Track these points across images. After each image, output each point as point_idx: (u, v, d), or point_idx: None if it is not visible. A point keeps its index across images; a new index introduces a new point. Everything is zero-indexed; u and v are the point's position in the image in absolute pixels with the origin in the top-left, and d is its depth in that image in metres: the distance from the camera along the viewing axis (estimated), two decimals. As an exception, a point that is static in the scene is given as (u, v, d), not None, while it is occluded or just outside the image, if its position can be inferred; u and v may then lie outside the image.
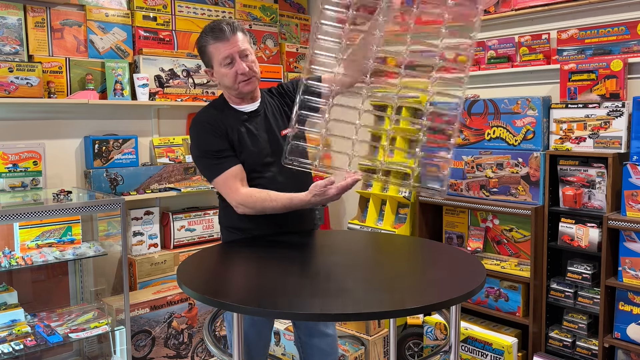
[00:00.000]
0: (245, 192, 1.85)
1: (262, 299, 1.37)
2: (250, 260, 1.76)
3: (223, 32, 1.84)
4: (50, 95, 2.87)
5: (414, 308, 1.32)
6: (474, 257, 1.78)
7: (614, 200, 2.48)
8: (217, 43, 1.85)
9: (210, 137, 1.88)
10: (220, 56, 1.85)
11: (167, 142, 3.37)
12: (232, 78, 1.87)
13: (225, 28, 1.84)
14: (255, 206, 1.84)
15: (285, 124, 1.99)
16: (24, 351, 2.39)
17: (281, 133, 1.97)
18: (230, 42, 1.84)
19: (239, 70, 1.86)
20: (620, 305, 2.44)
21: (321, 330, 2.06)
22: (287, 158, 1.74)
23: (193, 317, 3.10)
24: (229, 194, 1.87)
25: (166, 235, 3.34)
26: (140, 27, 3.26)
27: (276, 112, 2.02)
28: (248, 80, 1.89)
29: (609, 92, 2.53)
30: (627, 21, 2.59)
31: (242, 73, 1.86)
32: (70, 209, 2.50)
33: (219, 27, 1.85)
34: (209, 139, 1.89)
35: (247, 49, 1.88)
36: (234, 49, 1.85)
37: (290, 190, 1.90)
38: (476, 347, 2.74)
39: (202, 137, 1.91)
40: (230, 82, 1.89)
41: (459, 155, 2.96)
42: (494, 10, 3.03)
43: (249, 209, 1.85)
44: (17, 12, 2.81)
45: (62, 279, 2.97)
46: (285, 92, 2.07)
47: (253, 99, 1.98)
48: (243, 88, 1.91)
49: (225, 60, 1.86)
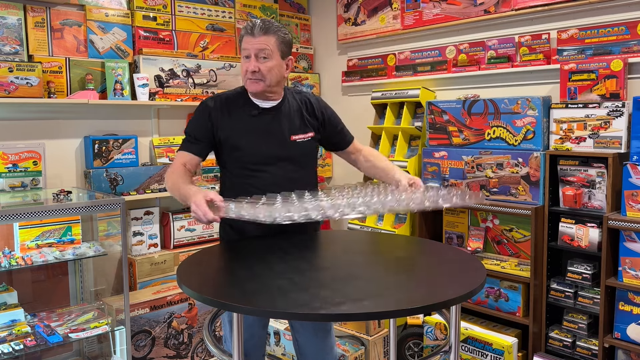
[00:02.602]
0: (172, 167, 1.95)
1: (261, 299, 1.37)
2: (250, 260, 1.76)
3: (253, 27, 1.91)
4: (50, 95, 2.87)
5: (414, 308, 1.32)
6: (474, 257, 1.78)
7: (614, 200, 2.48)
8: (245, 36, 1.93)
9: (199, 120, 1.99)
10: (243, 48, 1.94)
11: (167, 142, 3.37)
12: (243, 72, 1.96)
13: (257, 24, 1.91)
14: (167, 179, 1.95)
15: (300, 129, 2.01)
16: (24, 351, 2.39)
17: (291, 138, 1.98)
18: (253, 39, 1.91)
19: (248, 68, 1.92)
20: (620, 305, 2.44)
21: (318, 330, 2.06)
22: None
23: (193, 317, 3.10)
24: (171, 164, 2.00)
25: (166, 235, 3.34)
26: (140, 27, 3.26)
27: (295, 116, 2.03)
28: (254, 80, 1.93)
29: (609, 92, 2.53)
30: (627, 21, 2.59)
31: (250, 71, 1.92)
32: (70, 209, 2.50)
33: (254, 22, 1.92)
34: (197, 121, 2.00)
35: (267, 51, 1.91)
36: (253, 46, 1.91)
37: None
38: (476, 347, 2.74)
39: (196, 116, 2.01)
40: (242, 75, 1.98)
41: (459, 155, 2.96)
42: (494, 10, 3.03)
43: (165, 180, 1.99)
44: (17, 12, 2.81)
45: (62, 279, 2.97)
46: (315, 116, 2.10)
47: (268, 98, 2.00)
48: (248, 85, 1.96)
49: (243, 53, 1.94)
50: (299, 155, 2.00)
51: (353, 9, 3.82)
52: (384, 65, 3.66)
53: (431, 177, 3.10)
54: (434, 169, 3.09)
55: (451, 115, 3.02)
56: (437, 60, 3.35)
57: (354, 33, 3.83)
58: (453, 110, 3.01)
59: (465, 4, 3.17)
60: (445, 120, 3.05)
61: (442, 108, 3.06)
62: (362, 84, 3.80)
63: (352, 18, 3.83)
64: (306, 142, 2.02)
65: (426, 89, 3.32)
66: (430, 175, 3.10)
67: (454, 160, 2.98)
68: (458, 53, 3.24)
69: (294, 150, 1.99)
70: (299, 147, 2.00)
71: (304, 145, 2.02)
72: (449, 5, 3.24)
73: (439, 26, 3.31)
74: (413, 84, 3.44)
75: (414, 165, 3.22)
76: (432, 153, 3.09)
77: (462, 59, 3.20)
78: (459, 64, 3.20)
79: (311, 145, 2.05)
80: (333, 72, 4.09)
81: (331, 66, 4.11)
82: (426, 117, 3.15)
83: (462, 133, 2.98)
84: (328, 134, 2.12)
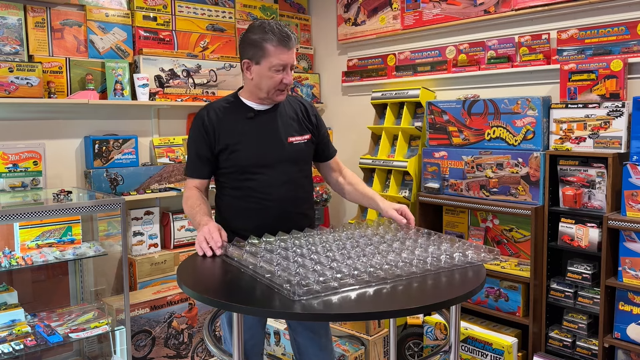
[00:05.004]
0: (186, 193, 2.00)
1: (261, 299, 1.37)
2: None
3: (289, 40, 1.86)
4: (50, 95, 2.87)
5: (414, 308, 1.32)
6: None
7: (614, 200, 2.48)
8: (280, 47, 1.85)
9: (197, 136, 1.96)
10: (277, 61, 1.86)
11: (167, 142, 3.37)
12: (274, 84, 1.90)
13: (292, 37, 1.87)
14: (183, 205, 2.00)
15: (297, 132, 2.02)
16: (24, 351, 2.39)
17: (287, 140, 1.98)
18: (290, 51, 1.88)
19: (285, 80, 1.89)
20: (620, 305, 2.44)
21: (316, 330, 2.06)
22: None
23: (193, 317, 3.10)
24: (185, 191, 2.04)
25: (166, 235, 3.35)
26: (140, 27, 3.26)
27: (291, 119, 2.03)
28: (284, 91, 1.95)
29: (609, 92, 2.53)
30: (627, 21, 2.59)
31: (286, 83, 1.90)
32: (70, 209, 2.50)
33: (286, 33, 1.86)
34: (195, 137, 1.97)
35: (295, 64, 1.95)
36: (291, 60, 1.89)
37: (283, 197, 1.94)
38: (476, 347, 2.74)
39: (193, 134, 1.99)
40: (268, 87, 1.91)
41: (459, 155, 2.96)
42: (494, 10, 3.03)
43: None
44: (17, 12, 2.81)
45: (62, 279, 2.97)
46: (310, 119, 2.10)
47: (264, 102, 2.00)
48: (276, 96, 1.94)
49: (278, 66, 1.87)
50: (296, 157, 2.00)
51: (353, 9, 3.82)
52: (384, 65, 3.66)
53: (431, 177, 3.10)
54: (434, 169, 3.09)
55: (451, 115, 3.02)
56: (437, 60, 3.35)
57: (354, 33, 3.83)
58: (453, 110, 3.01)
59: (465, 4, 3.17)
60: (445, 120, 3.05)
61: (442, 108, 3.06)
62: (362, 84, 3.80)
63: (352, 18, 3.83)
64: (303, 145, 2.02)
65: (426, 89, 3.33)
66: (430, 176, 3.11)
67: (454, 160, 2.98)
68: (458, 53, 3.24)
69: (291, 152, 1.99)
70: (296, 149, 2.00)
71: (301, 148, 2.02)
72: (449, 6, 3.24)
73: (439, 26, 3.31)
74: (413, 84, 3.44)
75: (414, 166, 3.22)
76: (432, 153, 3.09)
77: (462, 59, 3.20)
78: (459, 64, 3.20)
79: (308, 147, 2.05)
80: (333, 72, 4.09)
81: (331, 66, 4.11)
82: (426, 117, 3.16)
83: (462, 133, 2.98)
84: (317, 141, 2.11)
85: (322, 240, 1.83)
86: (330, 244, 1.77)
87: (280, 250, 1.69)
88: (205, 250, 1.73)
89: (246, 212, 1.96)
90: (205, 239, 1.74)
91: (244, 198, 1.95)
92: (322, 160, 2.17)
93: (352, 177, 2.18)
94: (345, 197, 2.19)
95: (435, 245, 1.74)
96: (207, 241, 1.74)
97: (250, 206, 1.95)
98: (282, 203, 1.95)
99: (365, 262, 1.55)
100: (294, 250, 1.69)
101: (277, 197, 1.94)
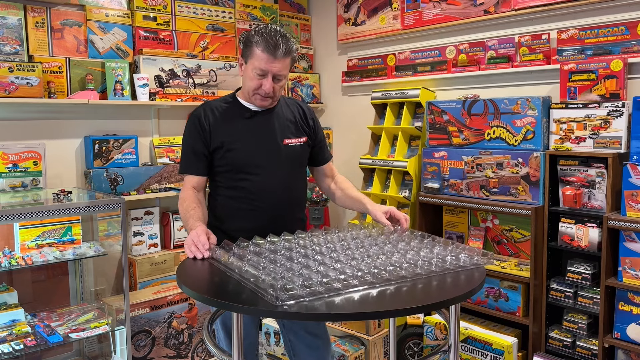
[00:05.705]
0: (183, 193, 1.97)
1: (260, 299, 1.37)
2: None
3: (277, 49, 1.84)
4: (50, 95, 2.87)
5: (414, 308, 1.32)
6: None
7: (614, 200, 2.48)
8: (264, 53, 1.84)
9: (192, 132, 1.96)
10: (258, 65, 1.86)
11: (167, 142, 3.37)
12: (254, 87, 1.91)
13: (281, 47, 1.84)
14: (179, 206, 1.97)
15: (293, 134, 2.01)
16: (24, 351, 2.39)
17: (283, 142, 1.98)
18: (275, 61, 1.85)
19: (263, 87, 1.89)
20: (620, 305, 2.44)
21: (311, 330, 2.05)
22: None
23: (193, 317, 3.10)
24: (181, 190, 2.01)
25: (166, 235, 3.35)
26: (140, 27, 3.26)
27: (288, 121, 2.03)
28: (265, 98, 1.93)
29: (609, 92, 2.53)
30: (627, 21, 2.59)
31: (265, 90, 1.89)
32: (70, 209, 2.50)
33: (277, 42, 1.84)
34: (190, 133, 1.97)
35: (284, 75, 1.91)
36: (273, 69, 1.87)
37: (276, 198, 1.94)
38: (476, 347, 2.74)
39: (188, 130, 1.99)
40: (249, 88, 1.93)
41: (459, 155, 2.96)
42: (494, 10, 3.03)
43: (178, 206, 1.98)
44: (17, 12, 2.81)
45: (62, 279, 2.97)
46: (307, 122, 2.09)
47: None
48: (256, 100, 1.95)
49: (259, 71, 1.87)
50: (291, 159, 2.00)
51: (353, 9, 3.82)
52: (384, 65, 3.66)
53: (431, 177, 3.10)
54: (434, 169, 3.09)
55: (451, 115, 3.02)
56: (437, 60, 3.35)
57: (354, 33, 3.83)
58: (453, 110, 3.01)
59: (465, 4, 3.17)
60: (445, 120, 3.05)
61: (442, 108, 3.06)
62: (362, 84, 3.80)
63: (352, 18, 3.83)
64: (298, 147, 2.02)
65: (426, 89, 3.33)
66: (430, 176, 3.11)
67: (454, 160, 2.98)
68: (458, 53, 3.24)
69: (286, 154, 1.99)
70: (291, 151, 2.00)
71: (296, 150, 2.02)
72: (449, 6, 3.24)
73: (439, 26, 3.31)
74: (413, 84, 3.44)
75: (414, 166, 3.22)
76: (432, 153, 3.09)
77: (462, 59, 3.20)
78: (459, 64, 3.20)
79: (304, 150, 2.05)
80: (333, 72, 4.09)
81: (331, 66, 4.11)
82: (426, 117, 3.16)
83: (462, 133, 2.98)
84: (313, 144, 2.11)
85: (327, 240, 1.83)
86: (334, 244, 1.78)
87: (283, 251, 1.70)
88: (195, 253, 1.72)
89: (239, 212, 1.96)
90: (193, 242, 1.74)
91: (238, 198, 1.95)
92: (316, 164, 2.17)
93: (343, 182, 2.16)
94: (336, 202, 2.18)
95: (428, 248, 1.74)
96: (195, 244, 1.73)
97: (243, 206, 1.95)
98: (276, 204, 1.95)
99: (369, 263, 1.57)
100: (297, 251, 1.70)
101: (271, 198, 1.94)
